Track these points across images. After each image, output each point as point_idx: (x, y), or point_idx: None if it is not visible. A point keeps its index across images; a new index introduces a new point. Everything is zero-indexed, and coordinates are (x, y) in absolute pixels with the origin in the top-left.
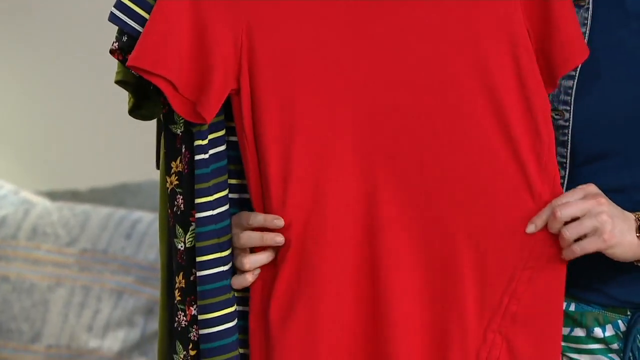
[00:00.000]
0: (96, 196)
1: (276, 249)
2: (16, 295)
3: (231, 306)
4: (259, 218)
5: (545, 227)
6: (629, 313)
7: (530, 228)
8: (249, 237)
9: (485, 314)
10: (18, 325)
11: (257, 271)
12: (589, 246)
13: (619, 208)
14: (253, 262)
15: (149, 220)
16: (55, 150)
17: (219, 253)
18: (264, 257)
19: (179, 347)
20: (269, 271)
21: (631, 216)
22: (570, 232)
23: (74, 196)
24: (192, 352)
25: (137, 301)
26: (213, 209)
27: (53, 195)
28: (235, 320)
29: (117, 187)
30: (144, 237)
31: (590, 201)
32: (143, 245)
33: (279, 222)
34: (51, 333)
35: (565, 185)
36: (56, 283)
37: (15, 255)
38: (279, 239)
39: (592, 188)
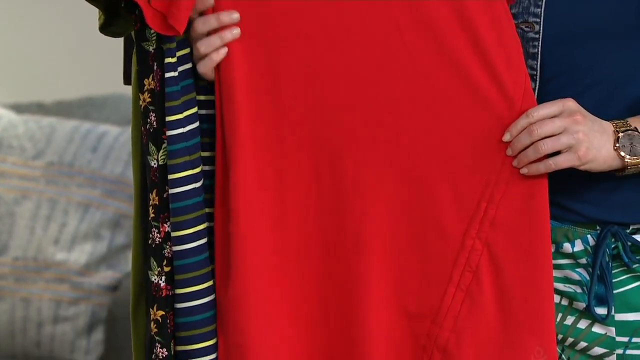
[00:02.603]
0: (62, 109)
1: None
2: None
3: (203, 223)
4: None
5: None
6: (598, 228)
7: (506, 137)
8: (204, 21)
9: (463, 220)
10: None
11: (223, 51)
12: (563, 162)
13: (598, 120)
14: (208, 44)
15: (115, 133)
16: (20, 62)
17: (191, 170)
18: (217, 40)
19: (154, 263)
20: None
21: (609, 128)
22: (546, 146)
23: (39, 109)
24: (166, 269)
25: (103, 214)
26: (183, 127)
27: (18, 108)
28: (206, 238)
29: (82, 100)
30: (110, 151)
31: (567, 119)
32: (109, 159)
33: (235, 15)
34: (18, 245)
35: (534, 98)
36: (22, 196)
37: None
38: (235, 15)
39: (570, 104)
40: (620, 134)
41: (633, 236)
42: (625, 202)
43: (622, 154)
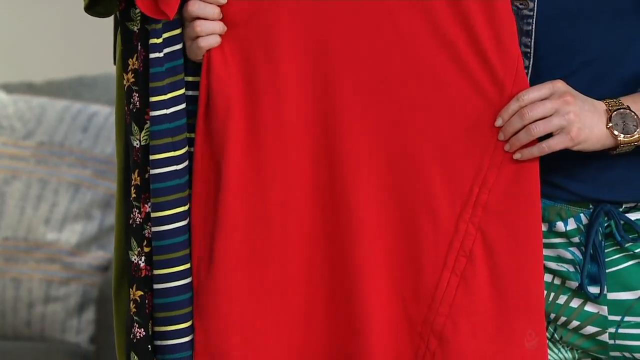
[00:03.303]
0: (52, 89)
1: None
2: None
3: (184, 205)
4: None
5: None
6: (591, 207)
7: (498, 122)
8: (198, 6)
9: (456, 205)
10: None
11: (215, 40)
12: (556, 145)
13: (589, 100)
14: (206, 27)
15: (105, 113)
16: (10, 41)
17: (173, 152)
18: (217, 26)
19: (134, 243)
20: (213, 174)
21: (601, 106)
22: (537, 129)
23: (29, 89)
24: (146, 249)
25: (94, 194)
26: (167, 108)
27: (8, 88)
28: (187, 219)
29: (73, 80)
30: (101, 131)
31: (557, 100)
32: (100, 139)
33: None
34: (8, 225)
35: (529, 75)
36: (12, 176)
37: None
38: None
39: (560, 85)
40: (613, 113)
41: (626, 215)
42: (618, 180)
43: (615, 132)
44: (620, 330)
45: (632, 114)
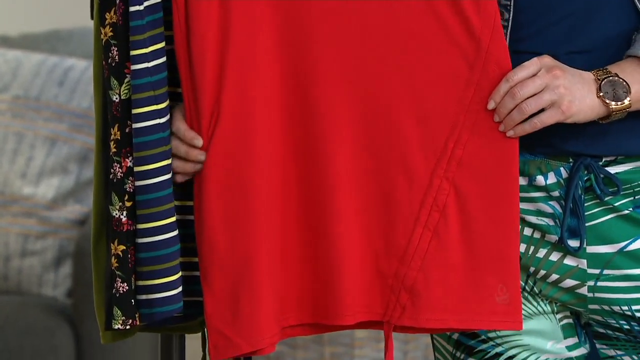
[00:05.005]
0: (27, 42)
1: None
2: None
3: (167, 158)
4: (181, 129)
5: (490, 75)
6: (571, 160)
7: (491, 104)
8: (176, 147)
9: (431, 160)
10: None
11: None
12: (548, 119)
13: (577, 72)
14: (178, 167)
15: (81, 67)
16: None
17: (155, 105)
18: (189, 168)
19: (115, 198)
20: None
21: (589, 77)
22: (529, 107)
23: (4, 42)
24: (127, 203)
25: (70, 148)
26: (148, 62)
27: None
28: (171, 173)
29: (49, 33)
30: (77, 85)
31: (546, 76)
32: (76, 93)
33: (198, 142)
34: None
35: (509, 29)
36: None
37: None
38: (201, 157)
39: (547, 60)
40: (602, 82)
41: (606, 168)
42: (598, 134)
43: (607, 100)
44: (599, 284)
45: (621, 80)
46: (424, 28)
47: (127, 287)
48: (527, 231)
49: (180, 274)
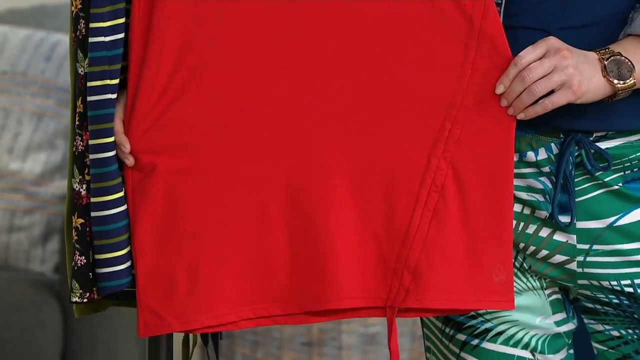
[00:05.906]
0: (14, 17)
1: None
2: None
3: None
4: (116, 129)
5: (485, 53)
6: (561, 136)
7: (499, 89)
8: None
9: (428, 140)
10: None
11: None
12: (559, 100)
13: (582, 52)
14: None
15: (68, 42)
16: None
17: (109, 80)
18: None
19: (76, 171)
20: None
21: (593, 56)
22: (540, 88)
23: None
24: (87, 177)
25: (58, 124)
26: (105, 36)
27: None
28: None
29: (35, 8)
30: (64, 60)
31: (554, 57)
32: (63, 68)
33: (125, 148)
34: None
35: (502, 5)
36: None
37: None
38: (128, 161)
39: (553, 41)
40: (607, 61)
41: (596, 144)
42: (588, 110)
43: (612, 80)
44: (589, 259)
45: (625, 59)
46: (417, 10)
47: (84, 260)
48: (517, 207)
49: (128, 249)
